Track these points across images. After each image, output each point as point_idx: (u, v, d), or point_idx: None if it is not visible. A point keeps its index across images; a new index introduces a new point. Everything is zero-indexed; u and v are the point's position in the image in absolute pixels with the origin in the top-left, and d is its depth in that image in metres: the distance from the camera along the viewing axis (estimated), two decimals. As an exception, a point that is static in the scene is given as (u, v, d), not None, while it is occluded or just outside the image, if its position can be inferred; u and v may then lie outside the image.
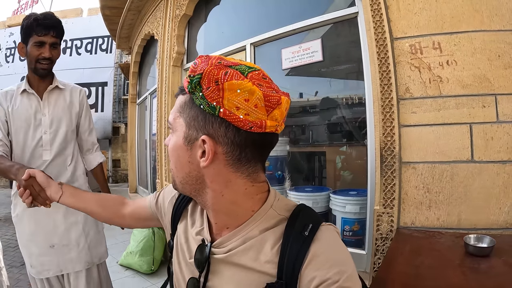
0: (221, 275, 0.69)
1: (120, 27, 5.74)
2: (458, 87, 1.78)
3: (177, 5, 3.80)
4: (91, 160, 1.81)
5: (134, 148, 6.72)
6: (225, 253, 0.69)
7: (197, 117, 0.63)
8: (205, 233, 0.74)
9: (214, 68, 0.60)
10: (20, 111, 1.60)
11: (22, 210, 1.61)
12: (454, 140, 1.77)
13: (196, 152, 0.64)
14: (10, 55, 10.90)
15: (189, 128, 0.64)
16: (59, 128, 1.64)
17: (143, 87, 6.29)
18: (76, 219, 1.64)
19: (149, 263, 3.43)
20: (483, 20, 1.75)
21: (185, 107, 0.65)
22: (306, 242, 0.62)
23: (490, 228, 1.68)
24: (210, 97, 0.60)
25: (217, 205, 0.69)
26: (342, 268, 0.60)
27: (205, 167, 0.64)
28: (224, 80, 0.59)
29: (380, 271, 1.32)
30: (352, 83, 2.91)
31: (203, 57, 0.62)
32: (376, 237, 1.93)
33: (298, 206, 0.71)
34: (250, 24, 3.33)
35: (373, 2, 1.96)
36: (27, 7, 13.02)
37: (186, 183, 0.69)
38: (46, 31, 1.54)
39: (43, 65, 1.57)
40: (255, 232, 0.67)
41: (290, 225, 0.66)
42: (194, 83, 0.61)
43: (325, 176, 3.54)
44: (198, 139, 0.63)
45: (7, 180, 11.18)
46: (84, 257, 1.63)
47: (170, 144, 0.69)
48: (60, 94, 1.69)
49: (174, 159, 0.69)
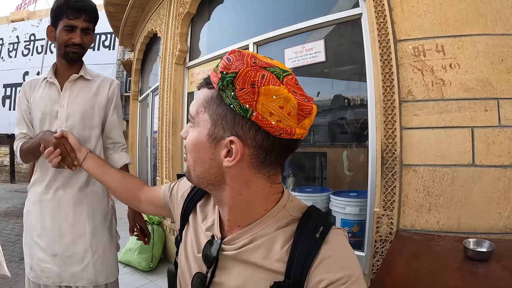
0: (229, 271, 0.70)
1: (123, 24, 5.73)
2: (460, 91, 1.77)
3: (181, 3, 3.79)
4: (116, 161, 1.59)
5: (135, 145, 6.72)
6: (235, 250, 0.69)
7: (225, 116, 0.62)
8: (215, 230, 0.75)
9: (251, 69, 0.58)
10: (39, 102, 1.46)
11: (32, 209, 1.49)
12: (455, 143, 1.77)
13: (220, 150, 0.64)
14: (13, 50, 10.89)
15: (215, 126, 0.63)
16: (76, 123, 1.46)
17: (145, 84, 6.29)
18: (84, 231, 1.46)
19: (147, 260, 3.43)
20: (487, 24, 1.75)
21: (211, 103, 0.63)
22: (316, 244, 0.63)
23: (490, 233, 1.68)
24: (243, 99, 0.58)
25: (233, 203, 0.69)
26: (350, 271, 0.60)
27: (228, 167, 0.64)
28: (261, 84, 0.57)
29: (378, 274, 1.32)
30: (355, 84, 2.91)
31: (237, 54, 0.61)
32: (375, 239, 1.92)
33: (309, 207, 0.72)
34: (254, 23, 3.33)
35: (377, 4, 1.95)
36: (30, 2, 13.02)
37: (203, 178, 0.68)
38: (78, 15, 1.39)
39: (73, 49, 1.42)
40: (266, 230, 0.68)
41: (301, 226, 0.67)
42: (227, 81, 0.59)
43: (325, 177, 3.53)
44: (225, 138, 0.62)
45: (7, 174, 11.23)
46: (88, 274, 1.45)
47: (190, 138, 0.68)
48: (85, 85, 1.51)
49: (194, 154, 0.67)
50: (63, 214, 1.45)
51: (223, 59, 0.61)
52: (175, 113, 3.83)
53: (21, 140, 1.48)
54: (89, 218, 1.48)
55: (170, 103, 3.85)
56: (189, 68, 3.90)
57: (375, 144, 1.97)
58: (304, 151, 3.56)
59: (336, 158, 3.37)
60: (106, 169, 1.15)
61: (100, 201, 1.55)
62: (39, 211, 1.47)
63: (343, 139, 3.27)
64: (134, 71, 6.42)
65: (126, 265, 3.54)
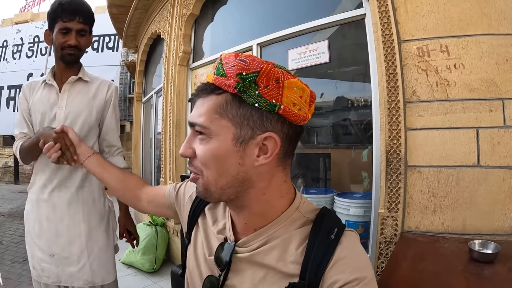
0: (242, 274, 0.70)
1: (126, 26, 5.76)
2: (465, 91, 1.76)
3: (184, 4, 3.80)
4: None
5: (139, 146, 6.74)
6: (249, 252, 0.70)
7: (251, 115, 0.62)
8: (227, 232, 0.75)
9: (272, 67, 0.61)
10: (38, 103, 1.48)
11: (31, 210, 1.51)
12: (460, 144, 1.76)
13: (250, 151, 0.63)
14: (17, 51, 10.97)
15: (241, 128, 0.62)
16: (74, 124, 1.46)
17: (149, 85, 6.30)
18: (80, 231, 1.47)
19: (151, 261, 3.43)
20: (491, 24, 1.74)
21: (228, 107, 0.62)
22: (332, 246, 0.64)
23: (495, 234, 1.66)
24: (268, 95, 0.60)
25: (255, 205, 0.69)
26: (363, 273, 0.61)
27: (261, 165, 0.64)
28: (284, 78, 0.61)
29: (383, 276, 1.31)
30: (359, 85, 2.90)
31: (248, 56, 0.62)
32: (380, 241, 1.91)
33: (322, 209, 0.73)
34: (257, 24, 3.33)
35: (381, 4, 1.95)
36: (34, 4, 13.10)
37: (229, 188, 0.66)
38: (72, 17, 1.40)
39: (69, 51, 1.44)
40: (279, 232, 0.69)
41: (315, 227, 0.67)
42: (249, 81, 0.60)
43: (329, 178, 3.52)
44: (256, 137, 0.63)
45: (12, 175, 11.31)
46: (84, 275, 1.46)
47: (207, 151, 0.64)
48: (84, 87, 1.52)
49: (217, 165, 0.64)
50: (58, 214, 1.47)
51: (236, 62, 0.61)
52: (178, 114, 3.83)
53: (21, 140, 1.49)
54: (84, 219, 1.49)
55: (174, 104, 3.85)
56: (193, 69, 3.90)
57: (380, 145, 1.96)
58: (308, 152, 3.55)
59: (340, 159, 3.36)
60: (107, 166, 1.15)
61: (96, 202, 1.55)
62: (36, 211, 1.49)
63: (347, 140, 3.26)
64: (137, 72, 6.43)
65: (130, 266, 3.55)
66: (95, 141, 1.57)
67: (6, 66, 10.85)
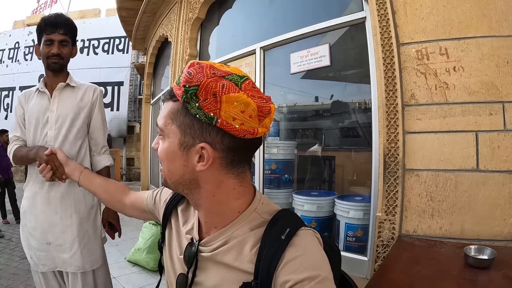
0: (207, 271, 0.73)
1: (135, 29, 5.84)
2: (464, 94, 1.74)
3: (191, 8, 3.85)
4: (97, 162, 1.75)
5: (147, 147, 6.81)
6: (210, 252, 0.73)
7: (192, 125, 0.66)
8: (194, 232, 0.79)
9: (212, 81, 0.63)
10: (32, 110, 1.64)
11: (27, 205, 1.65)
12: (459, 148, 1.74)
13: (192, 157, 0.68)
14: (29, 53, 11.24)
15: (184, 135, 0.68)
16: (64, 124, 1.63)
17: (158, 87, 6.38)
18: (71, 222, 1.62)
19: (156, 260, 3.47)
20: (491, 26, 1.71)
21: (178, 115, 0.68)
22: (282, 246, 0.65)
23: (494, 240, 1.63)
24: (207, 108, 0.63)
25: (208, 205, 0.73)
26: (315, 271, 0.62)
27: (201, 171, 0.68)
28: (222, 93, 0.62)
29: (374, 278, 1.30)
30: (360, 88, 2.88)
31: (196, 66, 0.65)
32: (377, 244, 1.90)
33: (281, 210, 0.75)
34: (261, 28, 3.34)
35: (380, 7, 1.94)
36: (46, 7, 13.39)
37: (179, 184, 0.73)
38: (54, 29, 1.59)
39: (53, 59, 1.61)
40: (238, 233, 0.72)
41: (269, 228, 0.69)
42: (190, 94, 0.63)
43: (334, 180, 3.51)
44: (195, 145, 0.67)
45: (22, 174, 11.53)
46: (76, 261, 1.61)
47: (161, 149, 0.72)
48: (72, 92, 1.69)
49: (168, 162, 0.71)
50: (52, 208, 1.61)
51: (184, 73, 0.65)
52: (184, 116, 3.86)
53: (16, 143, 1.65)
54: (75, 211, 1.64)
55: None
56: (199, 72, 3.93)
57: (378, 149, 1.95)
58: (311, 155, 3.54)
59: (343, 161, 3.35)
60: (93, 180, 1.23)
61: (86, 197, 1.69)
62: (32, 205, 1.63)
63: (349, 143, 3.25)
64: (146, 74, 6.52)
65: (135, 264, 3.61)
66: (84, 139, 1.71)
67: (18, 67, 11.13)
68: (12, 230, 5.02)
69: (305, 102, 3.56)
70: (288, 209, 0.75)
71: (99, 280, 1.70)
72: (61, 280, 1.68)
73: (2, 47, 11.82)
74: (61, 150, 1.39)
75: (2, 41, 11.87)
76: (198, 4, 3.69)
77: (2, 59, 11.74)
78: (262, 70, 2.95)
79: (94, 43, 10.15)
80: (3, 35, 12.07)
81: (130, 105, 10.71)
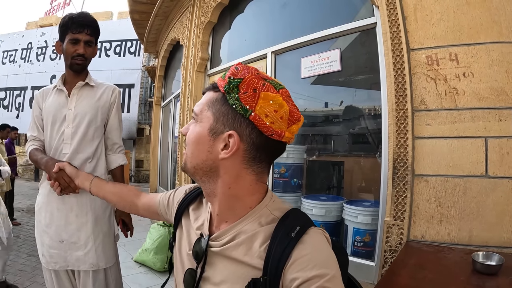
0: (215, 266, 0.75)
1: (147, 32, 5.92)
2: (474, 100, 1.74)
3: (203, 12, 3.90)
4: (112, 161, 1.76)
5: (156, 149, 6.88)
6: (220, 247, 0.74)
7: (227, 114, 0.70)
8: (204, 228, 0.80)
9: (255, 78, 0.69)
10: (50, 107, 1.64)
11: (42, 201, 1.66)
12: (468, 154, 1.74)
13: (218, 144, 0.71)
14: (41, 54, 11.41)
15: (216, 122, 0.71)
16: (82, 123, 1.63)
17: (168, 90, 6.45)
18: (87, 220, 1.63)
19: (162, 261, 3.50)
20: (501, 31, 1.72)
21: (216, 103, 0.72)
22: (291, 243, 0.66)
23: (502, 246, 1.63)
24: (244, 101, 0.67)
25: (222, 195, 0.75)
26: (324, 270, 0.63)
27: (223, 159, 0.71)
28: (262, 90, 0.68)
29: (380, 283, 1.31)
30: (370, 94, 2.89)
31: (243, 65, 0.71)
32: (385, 249, 1.90)
33: (292, 209, 0.76)
34: (272, 32, 3.37)
35: (391, 13, 1.96)
36: (58, 9, 13.61)
37: (199, 169, 0.75)
38: (81, 29, 1.58)
39: (77, 60, 1.61)
40: (247, 227, 0.73)
41: (279, 225, 0.70)
42: (233, 85, 0.68)
43: (342, 186, 3.50)
44: (224, 133, 0.70)
45: (32, 173, 11.72)
46: (90, 259, 1.62)
47: (191, 132, 0.75)
48: (90, 91, 1.69)
49: (193, 146, 0.75)
50: (68, 205, 1.62)
51: (232, 68, 0.70)
52: (195, 119, 3.90)
53: (32, 143, 1.67)
54: (91, 208, 1.65)
55: (191, 109, 3.93)
56: (210, 75, 3.98)
57: (387, 154, 1.95)
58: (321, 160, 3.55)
59: (353, 167, 3.34)
60: (104, 186, 1.27)
61: None
62: (48, 203, 1.64)
63: (359, 149, 3.24)
64: (157, 77, 6.59)
65: (142, 264, 3.62)
66: (101, 138, 1.73)
67: (30, 68, 11.32)
68: (21, 227, 5.09)
69: (315, 107, 3.57)
70: (298, 209, 0.76)
71: (110, 278, 1.71)
72: (73, 278, 1.69)
73: (15, 47, 11.97)
74: (68, 164, 1.39)
75: (15, 42, 12.02)
76: (210, 8, 3.74)
77: (14, 59, 11.89)
78: (273, 74, 2.98)
79: (106, 45, 10.24)
80: (16, 36, 12.24)
81: (140, 107, 10.81)
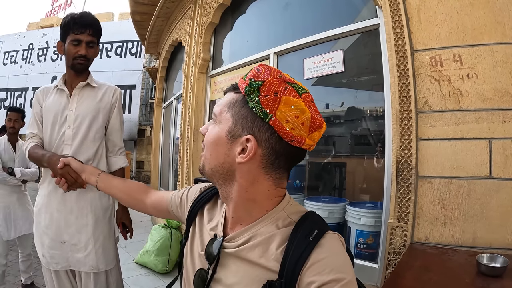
0: (228, 268, 0.73)
1: (149, 33, 5.92)
2: (478, 101, 1.74)
3: (204, 13, 3.90)
4: (113, 163, 1.74)
5: (158, 150, 6.88)
6: (235, 248, 0.73)
7: (246, 117, 0.68)
8: (218, 229, 0.79)
9: (276, 81, 0.66)
10: (50, 107, 1.62)
11: (41, 203, 1.64)
12: (472, 155, 1.73)
13: (235, 147, 0.69)
14: (42, 54, 11.40)
15: (235, 124, 0.69)
16: (82, 124, 1.61)
17: (170, 91, 6.45)
18: (87, 222, 1.62)
19: (164, 263, 3.49)
20: (505, 32, 1.71)
21: (236, 105, 0.70)
22: (309, 247, 0.65)
23: (507, 248, 1.62)
24: (265, 104, 0.65)
25: (238, 199, 0.74)
26: (341, 274, 0.62)
27: (240, 163, 0.69)
28: (283, 94, 0.65)
29: (386, 285, 1.30)
30: (372, 95, 2.88)
31: (265, 66, 0.68)
32: (388, 251, 1.89)
33: (308, 212, 0.75)
34: (274, 33, 3.37)
35: (394, 14, 1.95)
36: (60, 9, 13.60)
37: (216, 172, 0.74)
38: (83, 30, 1.56)
39: (79, 61, 1.59)
40: (263, 230, 0.72)
41: (297, 228, 0.69)
42: (253, 87, 0.66)
43: (344, 187, 3.50)
44: (242, 136, 0.68)
45: (37, 175, 11.69)
46: (90, 261, 1.60)
47: (210, 134, 0.74)
48: (91, 92, 1.67)
49: (211, 147, 0.73)
50: (68, 207, 1.61)
51: (253, 69, 0.68)
52: (197, 120, 3.91)
53: (32, 140, 1.64)
54: (91, 210, 1.63)
55: (193, 110, 3.93)
56: (212, 76, 3.98)
57: (391, 155, 1.95)
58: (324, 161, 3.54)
59: (355, 168, 3.34)
60: (111, 182, 1.24)
61: (101, 196, 1.68)
62: (47, 204, 1.62)
63: (362, 150, 3.24)
64: (159, 78, 6.59)
65: (143, 266, 3.62)
66: (102, 139, 1.71)
67: (31, 68, 11.32)
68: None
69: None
70: (315, 212, 0.75)
71: (111, 280, 1.70)
72: (73, 279, 1.68)
73: (16, 48, 11.92)
74: (73, 159, 1.35)
75: (16, 42, 11.98)
76: (212, 9, 3.74)
77: (16, 59, 11.86)
78: (274, 75, 2.97)
79: (107, 46, 10.21)
80: (17, 36, 12.22)
81: (142, 108, 10.80)
